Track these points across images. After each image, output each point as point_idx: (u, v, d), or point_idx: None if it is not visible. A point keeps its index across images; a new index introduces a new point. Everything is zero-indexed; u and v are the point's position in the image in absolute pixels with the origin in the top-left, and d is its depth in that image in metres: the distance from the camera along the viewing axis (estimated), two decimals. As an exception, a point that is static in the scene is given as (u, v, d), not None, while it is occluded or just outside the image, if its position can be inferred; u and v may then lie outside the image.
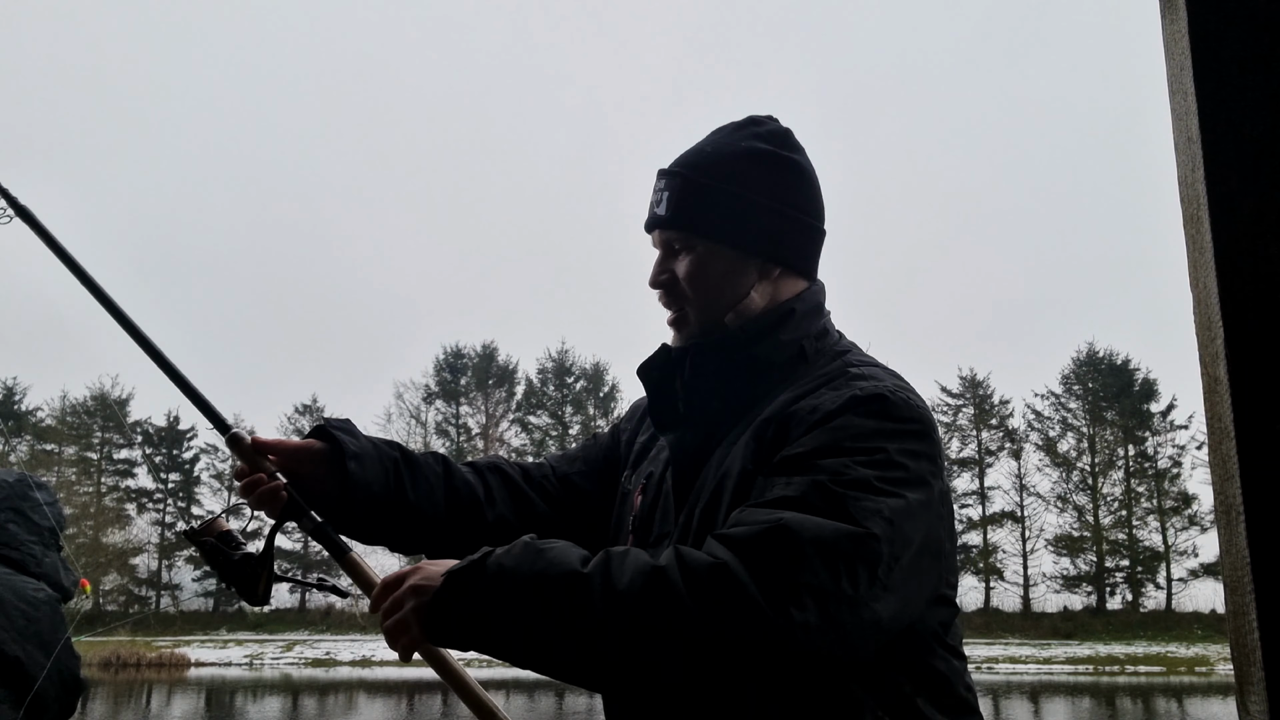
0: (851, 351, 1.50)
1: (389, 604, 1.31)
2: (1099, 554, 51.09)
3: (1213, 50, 0.88)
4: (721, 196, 1.49)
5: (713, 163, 1.51)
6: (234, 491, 1.92)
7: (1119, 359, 54.50)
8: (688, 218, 1.50)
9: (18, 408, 56.62)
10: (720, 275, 1.49)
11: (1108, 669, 38.69)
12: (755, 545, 1.18)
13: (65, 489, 50.49)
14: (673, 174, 1.52)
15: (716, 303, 1.50)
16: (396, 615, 1.29)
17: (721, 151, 1.52)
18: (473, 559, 1.26)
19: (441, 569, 1.28)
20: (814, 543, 1.17)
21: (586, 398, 57.45)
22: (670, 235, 1.52)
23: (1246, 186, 0.86)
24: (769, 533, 1.18)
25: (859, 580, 1.18)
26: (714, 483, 1.41)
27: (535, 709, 23.41)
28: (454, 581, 1.24)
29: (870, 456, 1.27)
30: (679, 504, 1.48)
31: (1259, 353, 0.84)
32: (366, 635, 47.76)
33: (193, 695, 27.87)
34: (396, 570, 1.35)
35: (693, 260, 1.50)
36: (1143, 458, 53.00)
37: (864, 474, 1.25)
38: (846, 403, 1.32)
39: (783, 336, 1.47)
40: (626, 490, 1.64)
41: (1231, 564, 0.85)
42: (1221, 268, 0.85)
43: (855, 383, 1.37)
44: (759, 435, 1.38)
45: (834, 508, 1.21)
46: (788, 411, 1.37)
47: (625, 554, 1.22)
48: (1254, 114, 0.87)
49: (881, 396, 1.33)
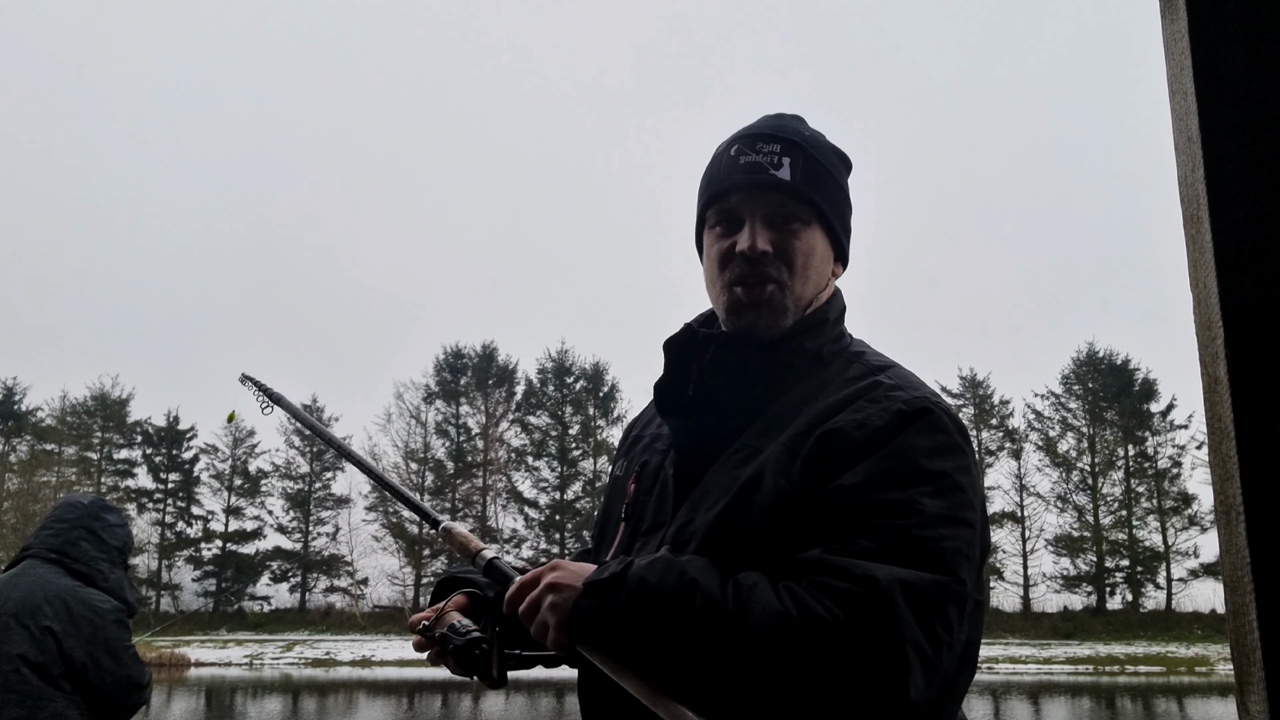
0: (868, 353, 1.48)
1: (526, 605, 1.32)
2: (1099, 554, 51.10)
3: (1213, 50, 0.88)
4: (834, 184, 1.47)
5: (823, 149, 1.48)
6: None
7: (1119, 359, 54.55)
8: (814, 191, 1.44)
9: (18, 408, 56.63)
10: (821, 261, 1.47)
11: (1108, 669, 38.69)
12: (863, 606, 1.17)
13: (65, 489, 50.47)
14: (793, 143, 1.45)
15: (812, 289, 1.46)
16: (535, 617, 1.30)
17: (822, 142, 1.50)
18: (614, 571, 1.26)
19: (580, 571, 1.30)
20: (914, 599, 1.18)
21: (586, 398, 57.42)
22: (790, 204, 1.44)
23: (1246, 186, 0.86)
24: (874, 594, 1.17)
25: (951, 624, 1.21)
26: (732, 487, 1.35)
27: (535, 709, 23.40)
28: (594, 591, 1.26)
29: (936, 485, 1.25)
30: (679, 496, 1.43)
31: (1259, 353, 0.84)
32: (366, 635, 47.79)
33: (193, 695, 27.87)
34: (532, 571, 1.36)
35: (810, 237, 1.44)
36: (1143, 458, 53.01)
37: (936, 508, 1.24)
38: (895, 420, 1.30)
39: (807, 344, 1.45)
40: (618, 477, 1.60)
41: (1231, 564, 0.85)
42: (1221, 268, 0.85)
43: (894, 394, 1.34)
44: (793, 449, 1.33)
45: (920, 555, 1.21)
46: (829, 428, 1.32)
47: (754, 588, 1.21)
48: (1254, 114, 0.87)
49: (928, 410, 1.31)
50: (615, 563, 1.28)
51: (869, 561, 1.19)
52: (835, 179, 1.48)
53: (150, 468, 56.91)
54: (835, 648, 1.16)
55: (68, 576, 3.44)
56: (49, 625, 3.28)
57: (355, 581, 53.77)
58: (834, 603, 1.17)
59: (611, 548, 1.50)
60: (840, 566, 1.20)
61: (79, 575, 3.45)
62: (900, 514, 1.23)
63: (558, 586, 1.29)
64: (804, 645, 1.16)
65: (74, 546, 3.48)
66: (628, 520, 1.50)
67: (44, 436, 55.47)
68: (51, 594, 3.35)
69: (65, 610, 3.33)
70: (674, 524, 1.39)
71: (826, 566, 1.21)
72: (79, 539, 3.50)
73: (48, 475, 51.37)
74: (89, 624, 3.34)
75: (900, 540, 1.21)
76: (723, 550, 1.30)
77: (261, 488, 56.90)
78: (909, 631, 1.16)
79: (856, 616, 1.16)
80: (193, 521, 56.60)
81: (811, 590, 1.19)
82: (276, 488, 56.76)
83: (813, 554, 1.23)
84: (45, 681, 3.24)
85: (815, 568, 1.21)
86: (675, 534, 1.38)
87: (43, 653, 3.25)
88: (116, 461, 57.29)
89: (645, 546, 1.41)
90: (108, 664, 3.35)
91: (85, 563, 3.47)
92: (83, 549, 3.48)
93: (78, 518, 3.54)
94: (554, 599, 1.28)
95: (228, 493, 56.44)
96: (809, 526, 1.27)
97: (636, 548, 1.43)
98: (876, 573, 1.18)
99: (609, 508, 1.59)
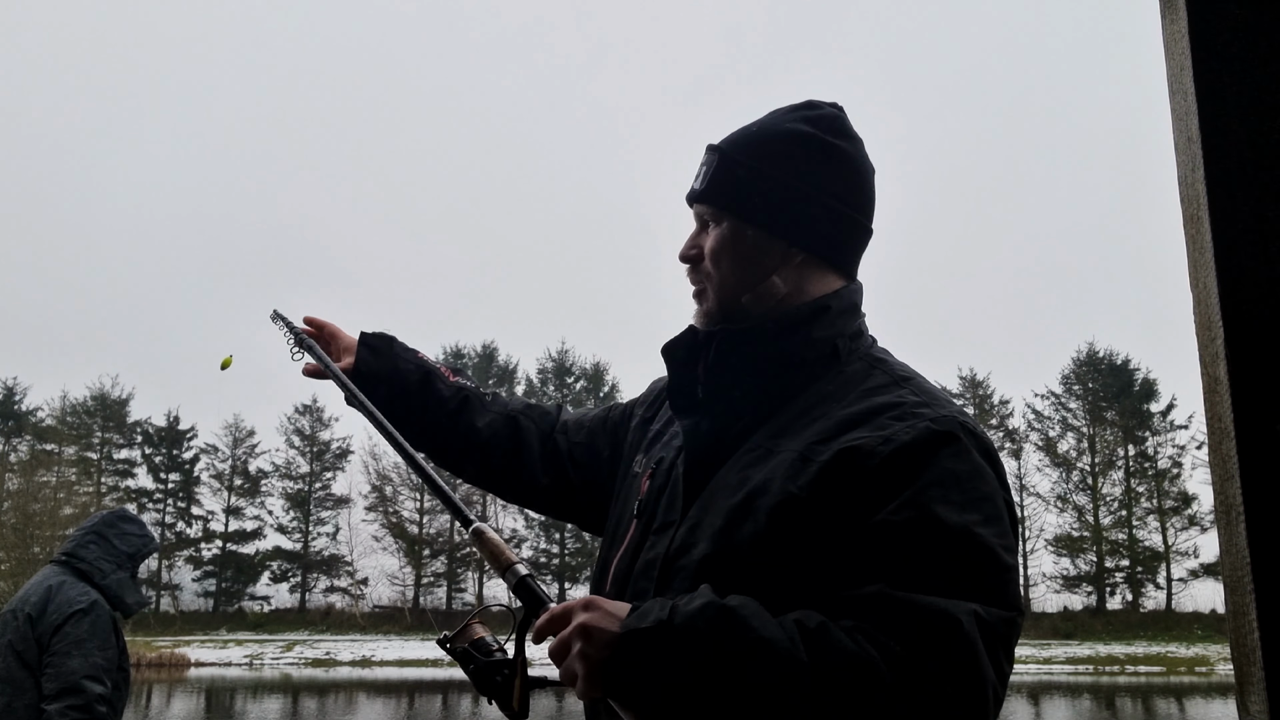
0: (890, 361, 1.45)
1: (555, 645, 1.22)
2: (1099, 554, 51.10)
3: (1213, 50, 0.88)
4: (753, 175, 1.46)
5: (754, 142, 1.48)
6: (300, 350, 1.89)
7: (1119, 359, 54.55)
8: (717, 193, 1.48)
9: (18, 408, 56.64)
10: (741, 254, 1.46)
11: (1108, 669, 38.69)
12: (946, 646, 1.14)
13: (65, 489, 50.52)
14: (715, 149, 1.51)
15: (735, 281, 1.46)
16: (564, 660, 1.20)
17: (765, 131, 1.49)
18: (658, 618, 1.15)
19: (616, 613, 1.18)
20: (988, 636, 1.16)
21: (586, 398, 57.40)
22: (701, 209, 1.51)
23: (1246, 187, 0.86)
24: (956, 633, 1.14)
25: (1011, 656, 1.21)
26: (741, 489, 1.33)
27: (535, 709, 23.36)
28: (634, 642, 1.15)
29: (984, 514, 1.22)
30: (689, 495, 1.41)
31: (1259, 353, 0.84)
32: (366, 635, 47.77)
33: (193, 695, 27.87)
34: (564, 604, 1.24)
35: (717, 236, 1.48)
36: (1143, 458, 53.01)
37: (991, 541, 1.20)
38: (924, 439, 1.25)
39: (815, 334, 1.42)
40: (635, 474, 1.58)
41: (1231, 564, 0.85)
42: (1221, 268, 0.85)
43: (921, 410, 1.30)
44: (808, 456, 1.29)
45: (985, 589, 1.19)
46: (851, 444, 1.27)
47: (824, 631, 1.14)
48: (1254, 114, 0.87)
49: (958, 431, 1.28)
50: (658, 606, 1.17)
51: (939, 597, 1.15)
52: (760, 168, 1.45)
53: (150, 468, 56.94)
54: (922, 691, 1.12)
55: (68, 574, 3.71)
56: (29, 613, 3.57)
57: (355, 581, 53.80)
58: (915, 643, 1.13)
59: (623, 545, 1.49)
60: (912, 604, 1.15)
61: (80, 574, 3.72)
62: (958, 544, 1.19)
63: (590, 632, 1.17)
64: (888, 692, 1.11)
65: (83, 549, 3.78)
66: (640, 518, 1.48)
67: (44, 436, 55.46)
68: (42, 587, 3.65)
69: (43, 600, 3.60)
70: (684, 524, 1.37)
71: (896, 604, 1.15)
72: (89, 543, 3.80)
73: (48, 475, 51.32)
74: (55, 612, 3.57)
75: (965, 572, 1.18)
76: (729, 553, 1.29)
77: (261, 488, 56.95)
78: (987, 671, 1.14)
79: (941, 657, 1.13)
80: (193, 521, 56.64)
81: (885, 630, 1.14)
82: (276, 488, 56.82)
83: (873, 589, 1.17)
84: (26, 670, 3.49)
85: (882, 604, 1.16)
86: (685, 534, 1.36)
87: (23, 640, 3.52)
88: (116, 461, 57.33)
89: (656, 545, 1.40)
90: (58, 652, 3.51)
91: (88, 563, 3.74)
92: (89, 551, 3.77)
93: (93, 525, 3.87)
94: (585, 647, 1.17)
95: (228, 493, 56.46)
96: (837, 550, 1.23)
97: (647, 546, 1.42)
98: (955, 610, 1.14)
99: (624, 503, 1.58)
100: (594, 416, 1.84)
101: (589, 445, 1.78)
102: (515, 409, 1.84)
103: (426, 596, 53.63)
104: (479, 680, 1.37)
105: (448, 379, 1.84)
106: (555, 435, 1.82)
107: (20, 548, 40.20)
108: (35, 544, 39.77)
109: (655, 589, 1.35)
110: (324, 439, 57.48)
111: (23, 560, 38.84)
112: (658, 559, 1.38)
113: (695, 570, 1.32)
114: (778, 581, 1.25)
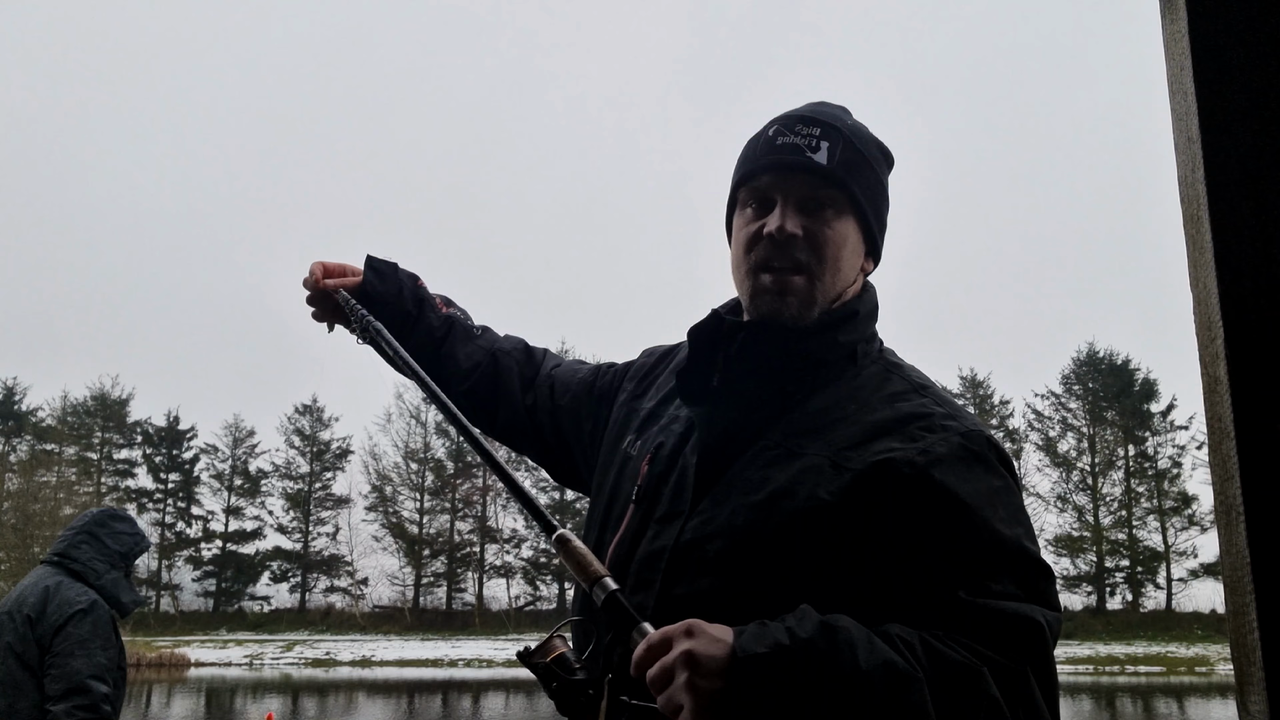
0: (905, 366, 1.45)
1: (657, 672, 1.13)
2: (1099, 554, 51.09)
3: (1213, 50, 0.88)
4: (873, 175, 1.43)
5: (865, 140, 1.44)
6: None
7: (1119, 359, 54.53)
8: (851, 179, 1.39)
9: (18, 408, 56.63)
10: (852, 254, 1.42)
11: (1108, 669, 38.69)
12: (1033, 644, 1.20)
13: (65, 489, 50.49)
14: (834, 128, 1.40)
15: (841, 282, 1.41)
16: (665, 690, 1.12)
17: (864, 133, 1.45)
18: (776, 640, 1.11)
19: (721, 639, 1.12)
20: (1053, 638, 1.24)
21: (586, 398, 57.31)
22: (824, 189, 1.38)
23: (1246, 186, 0.86)
24: (1039, 634, 1.21)
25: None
26: (763, 489, 1.31)
27: (535, 709, 23.39)
28: (753, 669, 1.09)
29: (1025, 526, 1.29)
30: (701, 486, 1.36)
31: (1259, 353, 0.84)
32: (366, 635, 47.77)
33: (192, 695, 27.86)
34: (663, 630, 1.16)
35: (843, 226, 1.39)
36: (1143, 458, 52.99)
37: (1036, 552, 1.28)
38: (962, 455, 1.29)
39: (841, 338, 1.40)
40: (630, 455, 1.51)
41: (1231, 564, 0.85)
42: (1221, 268, 0.85)
43: (948, 423, 1.32)
44: (839, 463, 1.28)
45: (1041, 596, 1.25)
46: (888, 457, 1.27)
47: (929, 645, 1.16)
48: (1254, 114, 0.86)
49: (987, 448, 1.32)
50: (769, 630, 1.13)
51: (1016, 603, 1.21)
52: (875, 171, 1.44)
53: (150, 468, 56.92)
54: (1021, 690, 1.17)
55: (63, 575, 3.69)
56: (28, 614, 3.53)
57: (355, 581, 53.79)
58: (1008, 647, 1.18)
59: (619, 530, 1.43)
60: (1002, 610, 1.20)
61: (74, 574, 3.70)
62: (1015, 555, 1.25)
63: (698, 660, 1.10)
64: (993, 694, 1.15)
65: (75, 549, 3.74)
66: (639, 503, 1.43)
67: (44, 436, 55.46)
68: (39, 588, 3.61)
69: (42, 601, 3.57)
70: (696, 516, 1.34)
71: (984, 611, 1.20)
72: (81, 543, 3.76)
73: (48, 475, 51.27)
74: (56, 613, 3.54)
75: (1025, 580, 1.24)
76: (751, 552, 1.28)
77: (261, 488, 56.94)
78: (1053, 667, 1.22)
79: (1034, 657, 1.19)
80: (193, 521, 56.63)
81: (977, 637, 1.18)
82: (276, 488, 56.84)
83: (950, 597, 1.20)
84: (27, 672, 3.46)
85: (968, 611, 1.20)
86: (698, 528, 1.33)
87: (23, 642, 3.49)
88: (116, 461, 57.31)
89: (660, 534, 1.36)
90: (60, 653, 3.49)
91: (82, 563, 3.71)
92: (82, 551, 3.73)
93: (83, 525, 3.83)
94: (693, 677, 1.10)
95: (228, 493, 56.45)
96: (881, 559, 1.25)
97: (650, 534, 1.38)
98: (1035, 615, 1.20)
99: (617, 485, 1.51)
100: (581, 381, 1.77)
101: (572, 410, 1.75)
102: (501, 347, 1.83)
103: (426, 596, 53.64)
104: (561, 700, 1.31)
105: (439, 309, 1.84)
106: (538, 385, 1.80)
107: (20, 548, 40.18)
108: (35, 544, 39.72)
109: (662, 581, 1.32)
110: (324, 439, 57.51)
111: (22, 560, 38.80)
112: (665, 550, 1.34)
113: (713, 565, 1.30)
114: (799, 584, 1.25)
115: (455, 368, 1.79)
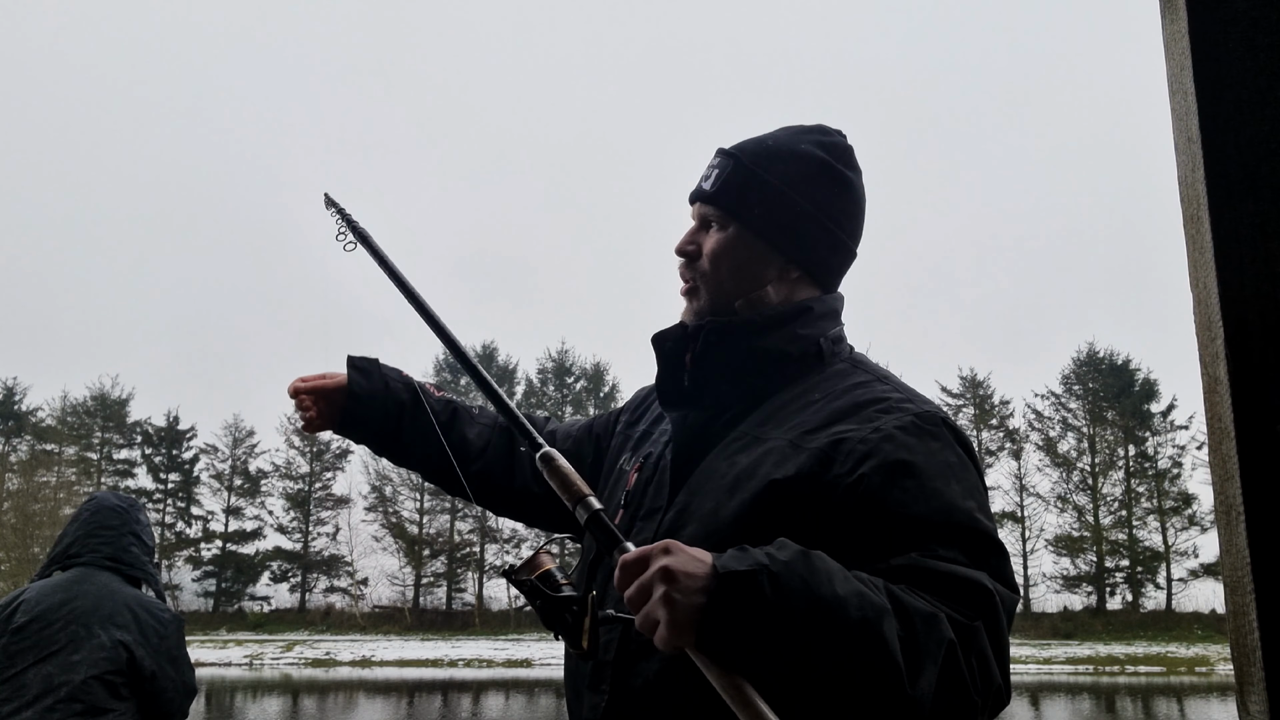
0: (868, 363, 1.53)
1: (635, 590, 1.14)
2: (1099, 554, 51.08)
3: (1213, 50, 0.88)
4: (767, 189, 1.51)
5: (769, 154, 1.54)
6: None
7: (1119, 359, 54.52)
8: (730, 198, 1.53)
9: (18, 408, 56.65)
10: (742, 261, 1.52)
11: (1108, 669, 38.69)
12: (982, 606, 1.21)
13: (65, 489, 50.51)
14: (729, 154, 1.55)
15: (731, 286, 1.52)
16: (644, 606, 1.12)
17: (781, 147, 1.55)
18: (756, 560, 1.11)
19: (699, 557, 1.12)
20: (1005, 608, 1.24)
21: (586, 398, 57.41)
22: (708, 210, 1.55)
23: (1246, 186, 0.86)
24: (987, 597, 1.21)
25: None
26: (730, 473, 1.38)
27: (535, 709, 23.39)
28: (733, 586, 1.09)
29: (978, 502, 1.30)
30: (676, 481, 1.47)
31: (1259, 353, 0.84)
32: (366, 635, 47.77)
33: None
34: (640, 549, 1.17)
35: (722, 239, 1.53)
36: (1143, 458, 52.97)
37: (989, 527, 1.29)
38: (916, 430, 1.33)
39: (799, 330, 1.49)
40: (624, 470, 1.63)
41: (1231, 564, 0.85)
42: (1221, 268, 0.85)
43: (904, 405, 1.37)
44: (797, 444, 1.35)
45: (992, 569, 1.26)
46: (842, 435, 1.33)
47: (894, 591, 1.17)
48: (1254, 114, 0.87)
49: (942, 426, 1.36)
50: (748, 551, 1.13)
51: (964, 568, 1.22)
52: (775, 184, 1.51)
53: (150, 468, 56.89)
54: (975, 643, 1.18)
55: (125, 583, 3.40)
56: (121, 638, 3.22)
57: (355, 581, 53.77)
58: (959, 603, 1.19)
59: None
60: (952, 572, 1.21)
61: (132, 580, 3.43)
62: (967, 525, 1.27)
63: (676, 575, 1.10)
64: (950, 641, 1.16)
65: (126, 552, 3.45)
66: (626, 507, 1.54)
67: (44, 436, 55.46)
68: (120, 604, 3.30)
69: (134, 620, 3.28)
70: (672, 508, 1.43)
71: (935, 572, 1.21)
72: (130, 545, 3.47)
73: (48, 475, 51.30)
74: (155, 633, 3.31)
75: (976, 551, 1.25)
76: (717, 532, 1.33)
77: (261, 488, 56.90)
78: (1007, 637, 1.24)
79: (982, 616, 1.20)
80: (192, 521, 56.58)
81: (930, 593, 1.20)
82: (276, 488, 56.76)
83: (904, 560, 1.22)
84: (110, 693, 3.19)
85: (920, 572, 1.21)
86: (674, 518, 1.41)
87: (113, 663, 3.19)
88: (116, 461, 57.27)
89: (644, 530, 1.45)
90: (170, 672, 3.33)
91: (137, 567, 3.45)
92: (133, 554, 3.47)
93: (123, 523, 3.51)
94: (671, 592, 1.10)
95: (228, 493, 56.42)
96: (838, 530, 1.27)
97: (634, 531, 1.47)
98: (982, 579, 1.22)
99: (611, 497, 1.61)
100: (579, 426, 1.89)
101: (575, 454, 1.80)
102: (502, 422, 1.86)
103: (426, 596, 53.65)
104: (546, 616, 1.33)
105: (434, 394, 1.86)
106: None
107: (20, 548, 40.19)
108: (35, 544, 39.74)
109: None
110: (324, 439, 57.38)
111: (22, 560, 38.83)
112: (646, 543, 1.38)
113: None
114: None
115: (468, 449, 1.81)
